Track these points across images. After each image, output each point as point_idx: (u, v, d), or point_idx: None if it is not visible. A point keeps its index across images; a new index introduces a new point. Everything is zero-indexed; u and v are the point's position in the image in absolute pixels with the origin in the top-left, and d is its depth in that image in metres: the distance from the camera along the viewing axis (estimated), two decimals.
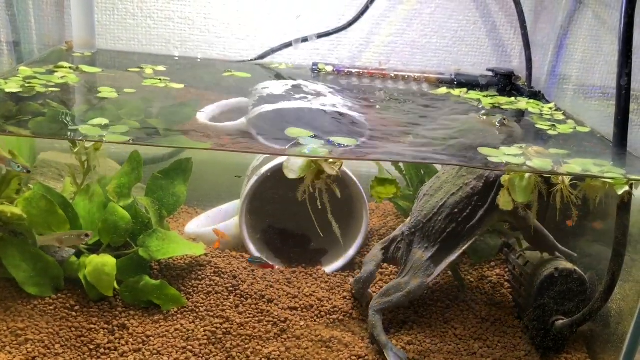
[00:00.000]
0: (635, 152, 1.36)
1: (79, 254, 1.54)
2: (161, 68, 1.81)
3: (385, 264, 1.70)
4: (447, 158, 1.38)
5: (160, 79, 1.67)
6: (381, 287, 1.59)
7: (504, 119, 1.47)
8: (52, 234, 1.48)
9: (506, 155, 1.28)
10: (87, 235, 1.45)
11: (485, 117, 1.53)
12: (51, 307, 1.47)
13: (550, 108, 1.74)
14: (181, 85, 1.64)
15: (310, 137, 1.27)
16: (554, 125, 1.57)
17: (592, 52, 1.75)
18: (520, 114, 1.70)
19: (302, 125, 1.35)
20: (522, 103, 1.78)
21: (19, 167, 1.45)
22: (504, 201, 1.36)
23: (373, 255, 1.64)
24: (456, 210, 1.53)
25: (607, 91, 1.61)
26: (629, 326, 1.42)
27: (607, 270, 1.37)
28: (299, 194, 1.37)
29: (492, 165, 1.27)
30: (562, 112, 1.71)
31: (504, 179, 1.37)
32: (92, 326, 1.45)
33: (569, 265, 1.52)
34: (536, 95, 1.88)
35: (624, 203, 1.31)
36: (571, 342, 1.56)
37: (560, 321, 1.51)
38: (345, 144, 1.27)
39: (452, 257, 1.53)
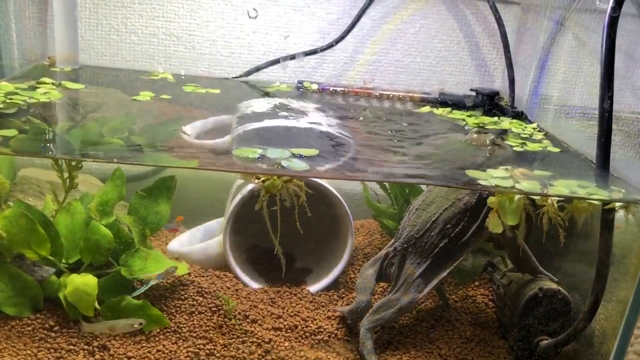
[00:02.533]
0: (616, 172, 1.38)
1: (59, 274, 1.51)
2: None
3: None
4: (434, 178, 1.38)
5: (196, 85, 1.82)
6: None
7: (496, 138, 1.46)
8: (105, 322, 1.44)
9: (494, 177, 1.28)
10: (140, 324, 1.42)
11: (476, 136, 1.53)
12: (29, 328, 1.44)
13: (534, 128, 1.76)
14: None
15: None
16: (523, 143, 1.58)
17: (573, 73, 1.78)
18: (503, 134, 1.72)
19: (287, 143, 1.34)
20: (506, 123, 1.80)
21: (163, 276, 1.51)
22: (493, 224, 1.36)
23: (365, 280, 1.60)
24: (449, 225, 1.50)
25: (588, 111, 1.63)
26: (612, 346, 1.43)
27: (590, 291, 1.38)
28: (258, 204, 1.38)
29: (480, 187, 1.27)
30: (544, 133, 1.73)
31: (491, 201, 1.37)
32: (72, 347, 1.42)
33: (553, 286, 1.53)
34: (519, 116, 1.89)
35: (607, 224, 1.32)
36: None
37: (545, 341, 1.52)
38: (304, 154, 1.29)
39: (444, 274, 1.51)
